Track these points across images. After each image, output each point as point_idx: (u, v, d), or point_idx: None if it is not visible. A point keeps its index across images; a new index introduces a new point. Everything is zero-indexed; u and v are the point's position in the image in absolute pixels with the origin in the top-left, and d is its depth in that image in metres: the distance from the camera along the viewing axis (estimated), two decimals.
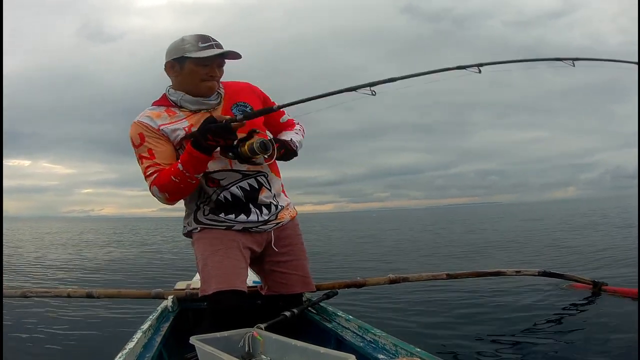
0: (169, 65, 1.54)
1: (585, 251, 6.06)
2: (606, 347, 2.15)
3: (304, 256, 1.76)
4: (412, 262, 6.52)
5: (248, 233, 1.62)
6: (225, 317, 1.46)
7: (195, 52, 1.48)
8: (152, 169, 1.50)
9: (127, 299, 3.15)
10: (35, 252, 10.71)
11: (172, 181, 1.46)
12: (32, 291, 2.47)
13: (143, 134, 1.51)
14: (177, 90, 1.56)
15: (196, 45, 1.48)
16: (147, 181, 1.51)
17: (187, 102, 1.56)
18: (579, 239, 8.15)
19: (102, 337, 2.80)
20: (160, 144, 1.51)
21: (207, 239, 1.61)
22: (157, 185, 1.49)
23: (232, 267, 1.54)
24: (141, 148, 1.51)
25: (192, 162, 1.43)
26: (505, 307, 3.05)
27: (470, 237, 9.31)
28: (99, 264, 7.86)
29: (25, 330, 2.98)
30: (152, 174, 1.50)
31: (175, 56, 1.51)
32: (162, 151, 1.51)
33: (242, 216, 1.60)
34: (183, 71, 1.52)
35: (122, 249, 11.42)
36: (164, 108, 1.56)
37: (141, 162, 1.52)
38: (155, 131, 1.51)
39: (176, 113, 1.55)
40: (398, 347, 1.29)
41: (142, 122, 1.52)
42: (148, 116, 1.54)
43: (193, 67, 1.50)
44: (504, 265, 4.25)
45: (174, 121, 1.54)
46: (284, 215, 1.70)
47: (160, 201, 1.54)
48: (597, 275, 3.39)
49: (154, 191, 1.51)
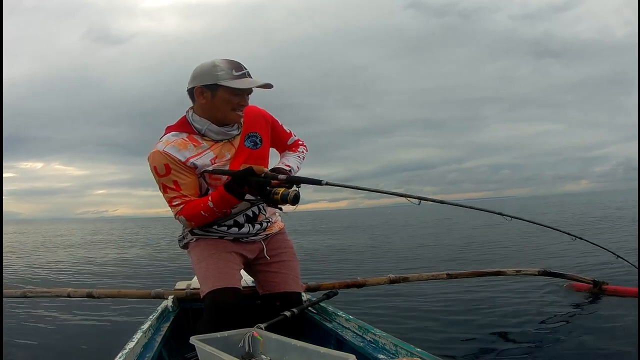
0: (199, 91, 1.50)
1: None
2: (606, 347, 2.15)
3: (294, 258, 1.82)
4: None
5: (239, 242, 1.70)
6: (223, 315, 1.47)
7: (229, 81, 1.45)
8: (179, 200, 1.54)
9: (127, 299, 3.15)
10: (37, 253, 10.71)
11: (201, 215, 1.53)
12: (32, 291, 2.47)
13: (169, 166, 1.50)
14: (202, 116, 1.54)
15: (230, 73, 1.45)
16: (173, 210, 1.57)
17: (211, 132, 1.55)
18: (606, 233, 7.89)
19: (102, 337, 2.80)
20: (185, 176, 1.53)
21: (201, 245, 1.68)
22: (184, 216, 1.56)
23: (226, 268, 1.60)
24: (166, 178, 1.52)
25: (224, 203, 1.49)
26: (506, 307, 3.05)
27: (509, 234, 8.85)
28: (100, 264, 7.87)
29: (25, 330, 2.98)
30: (178, 205, 1.55)
31: (207, 82, 1.47)
32: (187, 183, 1.54)
33: (234, 229, 1.67)
34: (215, 99, 1.49)
35: (123, 250, 11.43)
36: (185, 135, 1.55)
37: (165, 191, 1.55)
38: (182, 164, 1.51)
39: (200, 143, 1.55)
40: (398, 347, 1.29)
41: (168, 154, 1.50)
42: (173, 146, 1.51)
43: (226, 96, 1.48)
44: (505, 264, 4.25)
45: (200, 153, 1.54)
46: (272, 228, 1.78)
47: (185, 225, 1.64)
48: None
49: (181, 220, 1.58)
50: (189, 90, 1.54)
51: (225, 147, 1.58)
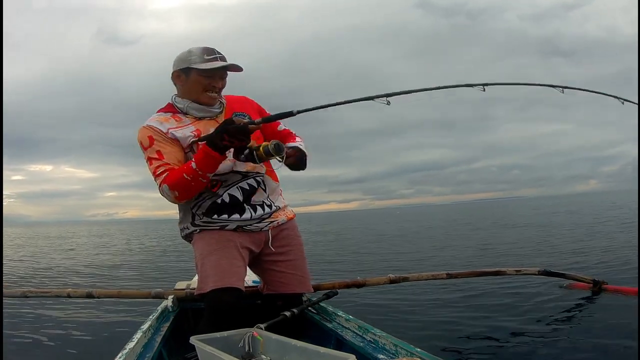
0: (176, 75, 1.62)
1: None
2: (606, 347, 2.15)
3: (303, 257, 1.78)
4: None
5: (244, 232, 1.65)
6: (223, 316, 1.47)
7: (200, 64, 1.55)
8: (162, 169, 1.53)
9: (127, 299, 3.15)
10: (41, 254, 10.72)
11: (184, 179, 1.48)
12: (32, 291, 2.48)
13: (152, 137, 1.56)
14: (183, 98, 1.63)
15: (201, 57, 1.56)
16: (157, 180, 1.54)
17: (193, 109, 1.62)
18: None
19: (102, 337, 2.80)
20: (168, 146, 1.56)
21: (204, 239, 1.65)
22: (167, 183, 1.51)
23: (228, 266, 1.57)
24: (150, 150, 1.55)
25: (207, 160, 1.46)
26: (506, 307, 3.05)
27: (531, 234, 8.67)
28: (100, 264, 7.87)
29: (25, 330, 2.98)
30: (162, 173, 1.53)
31: (181, 67, 1.59)
32: (170, 152, 1.56)
33: (235, 215, 1.63)
34: (188, 81, 1.60)
35: (124, 250, 11.43)
36: (170, 114, 1.63)
37: (150, 163, 1.56)
38: (164, 134, 1.57)
39: (182, 119, 1.62)
40: (398, 347, 1.29)
41: (150, 126, 1.58)
42: (156, 120, 1.60)
43: (197, 77, 1.58)
44: (505, 264, 4.26)
45: (181, 126, 1.60)
46: (278, 215, 1.74)
47: (169, 199, 1.56)
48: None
49: (164, 189, 1.53)
50: (171, 76, 1.64)
51: (209, 124, 1.60)
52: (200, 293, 1.57)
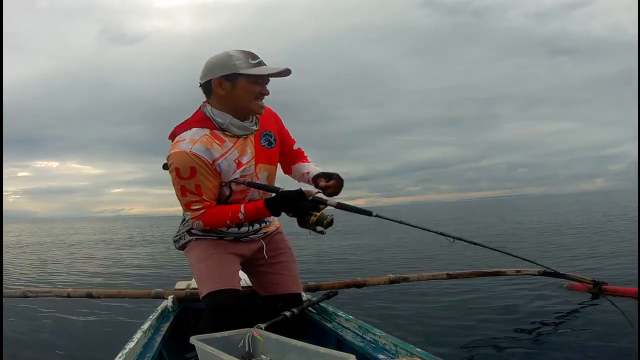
0: (217, 83, 1.43)
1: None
2: (606, 347, 2.15)
3: (293, 259, 1.81)
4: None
5: (239, 242, 1.69)
6: (223, 317, 1.47)
7: (249, 69, 1.40)
8: (199, 205, 1.49)
9: (127, 299, 3.15)
10: (43, 252, 10.71)
11: (225, 223, 1.53)
12: (32, 291, 2.47)
13: (195, 169, 1.41)
14: (221, 110, 1.48)
15: (247, 62, 1.41)
16: (189, 213, 1.52)
17: (234, 127, 1.49)
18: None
19: (102, 337, 2.80)
20: (209, 181, 1.46)
21: (200, 246, 1.66)
22: (203, 221, 1.51)
23: (226, 268, 1.59)
24: (188, 182, 1.44)
25: (259, 217, 1.51)
26: (506, 307, 3.05)
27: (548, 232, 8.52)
28: (100, 264, 7.87)
29: (25, 330, 2.98)
30: (198, 210, 1.49)
31: (225, 73, 1.41)
32: (209, 188, 1.47)
33: (234, 229, 1.65)
34: (235, 89, 1.43)
35: (124, 250, 11.42)
36: (208, 131, 1.47)
37: (184, 195, 1.47)
38: (209, 166, 1.44)
39: (224, 140, 1.48)
40: (398, 347, 1.29)
41: (196, 155, 1.41)
42: (202, 146, 1.43)
43: (247, 85, 1.43)
44: (505, 264, 4.23)
45: (225, 152, 1.48)
46: (269, 227, 1.78)
47: (196, 229, 1.61)
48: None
49: (197, 225, 1.54)
50: (204, 84, 1.47)
51: (245, 144, 1.52)
52: (202, 297, 1.57)
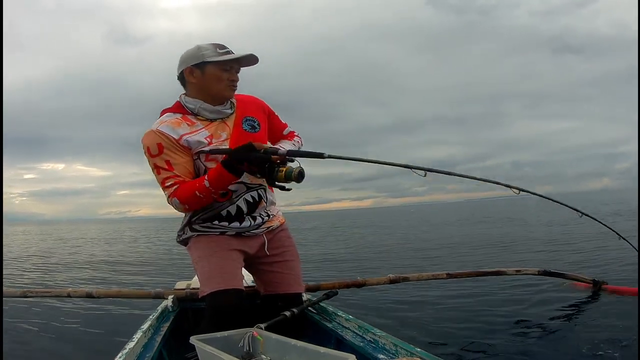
0: (188, 72, 1.53)
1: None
2: (606, 347, 2.15)
3: (297, 258, 1.80)
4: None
5: (241, 237, 1.67)
6: (224, 317, 1.47)
7: (216, 57, 1.50)
8: (172, 181, 1.51)
9: (127, 299, 3.15)
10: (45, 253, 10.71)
11: (196, 196, 1.50)
12: (33, 291, 2.47)
13: (162, 145, 1.50)
14: (195, 97, 1.56)
15: (215, 52, 1.50)
16: (166, 192, 1.53)
17: (205, 111, 1.56)
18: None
19: (102, 337, 2.80)
20: (178, 156, 1.51)
21: (202, 242, 1.65)
22: (178, 198, 1.51)
23: (229, 267, 1.57)
24: (158, 159, 1.51)
25: (222, 182, 1.47)
26: (506, 307, 3.05)
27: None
28: (101, 264, 7.87)
29: (25, 330, 2.98)
30: (171, 186, 1.51)
31: (195, 62, 1.51)
32: (180, 163, 1.52)
33: (235, 223, 1.64)
34: (205, 76, 1.52)
35: (125, 250, 11.43)
36: (180, 115, 1.56)
37: (158, 172, 1.52)
38: (176, 142, 1.51)
39: (194, 122, 1.55)
40: (398, 347, 1.29)
41: (161, 132, 1.51)
42: (168, 125, 1.52)
43: (216, 71, 1.51)
44: (505, 264, 4.25)
45: (195, 131, 1.54)
46: (272, 222, 1.76)
47: (178, 210, 1.58)
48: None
49: (174, 202, 1.54)
50: (179, 75, 1.57)
51: (220, 127, 1.57)
52: (203, 296, 1.56)
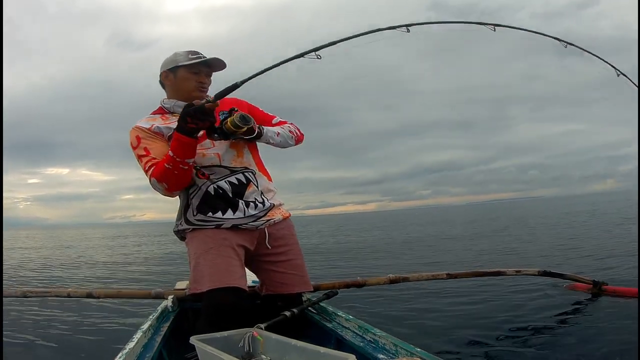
0: (164, 76, 1.69)
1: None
2: (606, 347, 2.15)
3: (301, 256, 1.78)
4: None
5: (239, 231, 1.64)
6: (221, 315, 1.46)
7: (186, 61, 1.64)
8: (150, 163, 1.57)
9: (127, 299, 3.15)
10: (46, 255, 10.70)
11: (166, 169, 1.52)
12: (32, 291, 2.47)
13: (139, 136, 1.62)
14: (171, 98, 1.71)
15: (187, 57, 1.65)
16: (147, 175, 1.58)
17: (179, 107, 1.63)
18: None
19: (102, 337, 2.80)
20: (154, 142, 1.61)
21: (199, 237, 1.64)
22: (155, 176, 1.55)
23: (224, 265, 1.56)
24: (138, 149, 1.61)
25: (180, 146, 1.49)
26: (505, 307, 3.05)
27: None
28: (101, 264, 7.87)
29: (25, 330, 2.98)
30: (149, 168, 1.57)
31: (169, 67, 1.67)
32: (156, 147, 1.60)
33: (229, 212, 1.63)
34: (177, 79, 1.67)
35: (125, 250, 11.43)
36: (159, 115, 1.70)
37: (140, 160, 1.61)
38: (149, 130, 1.63)
39: (169, 117, 1.68)
40: (398, 347, 1.29)
41: (138, 126, 1.65)
42: (144, 121, 1.67)
43: (185, 74, 1.65)
44: (505, 264, 4.25)
45: (167, 122, 1.66)
46: (274, 213, 1.73)
47: (161, 192, 1.59)
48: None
49: (154, 183, 1.56)
50: (160, 80, 1.72)
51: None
52: (194, 293, 1.56)
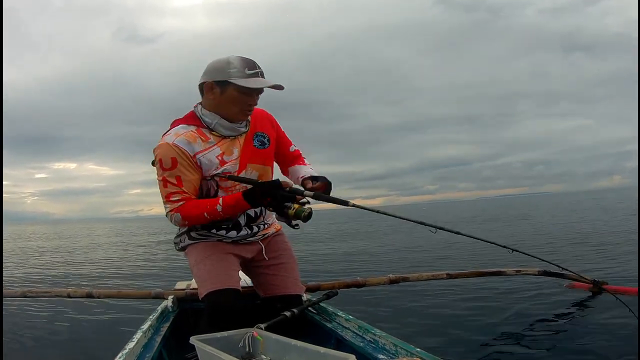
0: (208, 87, 1.49)
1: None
2: (606, 347, 2.15)
3: (294, 260, 1.81)
4: None
5: (238, 244, 1.69)
6: (222, 317, 1.47)
7: (241, 80, 1.43)
8: (178, 197, 1.50)
9: (127, 299, 3.15)
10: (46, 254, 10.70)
11: (203, 217, 1.50)
12: (32, 291, 2.48)
13: (176, 159, 1.46)
14: (211, 111, 1.52)
15: (243, 72, 1.43)
16: (169, 205, 1.52)
17: (221, 127, 1.53)
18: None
19: (102, 337, 2.80)
20: (190, 173, 1.49)
21: (199, 247, 1.67)
22: (181, 213, 1.51)
23: (224, 269, 1.59)
24: (169, 172, 1.48)
25: (237, 210, 1.49)
26: (506, 307, 3.05)
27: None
28: (101, 264, 7.87)
29: (25, 330, 2.98)
30: (176, 201, 1.50)
31: (218, 78, 1.46)
32: (190, 180, 1.50)
33: (232, 232, 1.67)
34: (223, 96, 1.48)
35: (125, 250, 11.42)
36: (194, 128, 1.52)
37: (164, 185, 1.50)
38: (190, 159, 1.48)
39: (208, 138, 1.53)
40: (398, 347, 1.29)
41: (177, 146, 1.47)
42: (184, 139, 1.48)
43: (235, 94, 1.46)
44: (505, 264, 4.24)
45: (208, 148, 1.52)
46: (268, 229, 1.78)
47: (175, 224, 1.58)
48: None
49: (175, 217, 1.52)
50: (200, 84, 1.52)
51: (232, 144, 1.56)
52: (200, 296, 1.58)
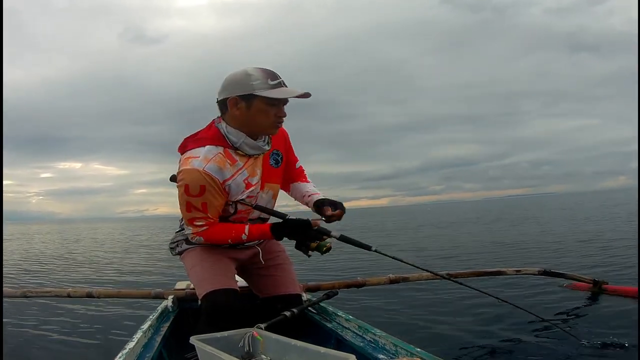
0: (233, 102, 1.42)
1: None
2: (606, 347, 2.15)
3: (289, 261, 1.82)
4: None
5: (234, 248, 1.70)
6: (220, 317, 1.48)
7: (266, 91, 1.38)
8: (202, 222, 1.49)
9: (127, 299, 3.15)
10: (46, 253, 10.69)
11: (227, 242, 1.54)
12: (33, 291, 2.48)
13: (205, 187, 1.41)
14: (236, 128, 1.46)
15: (266, 83, 1.38)
16: (191, 228, 1.52)
17: (247, 146, 1.48)
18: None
19: (102, 337, 2.80)
20: (217, 199, 1.47)
21: (195, 251, 1.68)
22: (204, 237, 1.53)
23: (221, 270, 1.60)
24: (195, 199, 1.43)
25: (260, 239, 1.53)
26: (505, 307, 3.04)
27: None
28: (101, 264, 7.87)
29: (25, 330, 2.98)
30: (200, 226, 1.50)
31: (242, 93, 1.40)
32: (215, 206, 1.48)
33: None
34: (250, 110, 1.42)
35: (125, 250, 11.42)
36: (222, 149, 1.47)
37: (188, 210, 1.47)
38: (219, 186, 1.44)
39: (235, 160, 1.48)
40: (398, 347, 1.29)
41: (208, 174, 1.41)
42: (214, 165, 1.43)
43: (263, 106, 1.41)
44: (505, 264, 4.25)
45: (236, 172, 1.48)
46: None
47: (197, 243, 1.61)
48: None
49: (197, 239, 1.55)
50: (221, 101, 1.46)
51: (255, 164, 1.54)
52: (199, 298, 1.59)
